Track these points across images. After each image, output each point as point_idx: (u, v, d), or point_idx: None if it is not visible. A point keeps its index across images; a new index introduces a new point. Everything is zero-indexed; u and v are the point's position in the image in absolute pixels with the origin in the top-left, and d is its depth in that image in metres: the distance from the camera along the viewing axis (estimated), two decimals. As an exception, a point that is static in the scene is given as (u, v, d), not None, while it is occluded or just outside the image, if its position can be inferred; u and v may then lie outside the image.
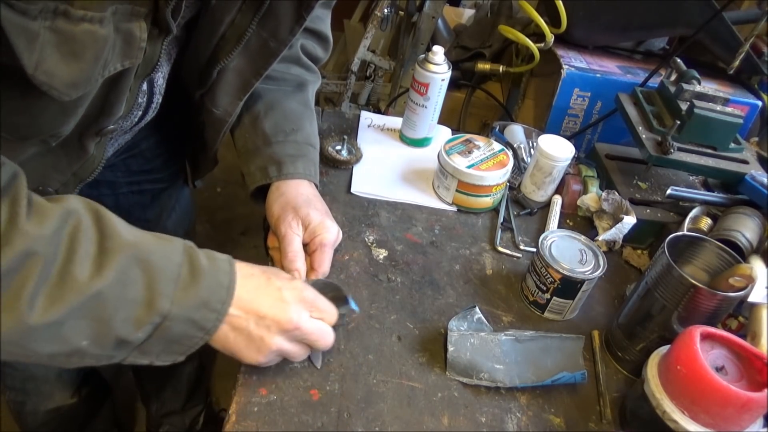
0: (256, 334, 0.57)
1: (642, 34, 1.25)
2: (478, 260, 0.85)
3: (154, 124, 0.78)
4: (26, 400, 1.05)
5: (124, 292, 0.49)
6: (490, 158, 0.91)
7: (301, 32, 0.85)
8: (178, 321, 0.51)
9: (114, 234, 0.50)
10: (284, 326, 0.58)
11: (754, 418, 0.58)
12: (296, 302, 0.59)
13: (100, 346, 0.49)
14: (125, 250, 0.49)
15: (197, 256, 0.54)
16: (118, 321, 0.49)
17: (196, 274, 0.52)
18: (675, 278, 0.65)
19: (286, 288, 0.60)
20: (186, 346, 0.54)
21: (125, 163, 0.90)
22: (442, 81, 0.97)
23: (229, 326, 0.55)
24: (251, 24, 0.65)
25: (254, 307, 0.56)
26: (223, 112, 0.75)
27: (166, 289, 0.50)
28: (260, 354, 0.58)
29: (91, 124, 0.62)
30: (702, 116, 0.89)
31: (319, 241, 0.74)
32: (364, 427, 0.61)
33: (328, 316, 0.63)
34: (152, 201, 0.99)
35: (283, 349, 0.59)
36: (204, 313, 0.53)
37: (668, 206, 0.93)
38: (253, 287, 0.58)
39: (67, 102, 0.53)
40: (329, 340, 0.62)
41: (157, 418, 1.38)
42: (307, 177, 0.80)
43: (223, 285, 0.54)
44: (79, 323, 0.47)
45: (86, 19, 0.47)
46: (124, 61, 0.54)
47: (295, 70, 0.86)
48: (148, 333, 0.50)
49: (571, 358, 0.70)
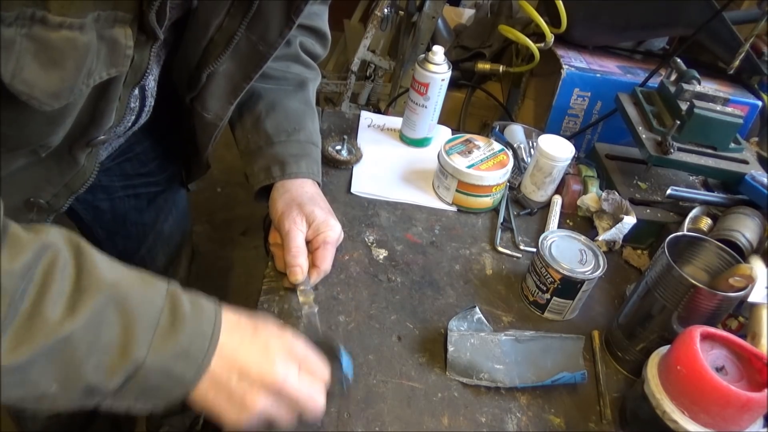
0: (238, 391, 0.50)
1: (642, 34, 1.25)
2: (478, 260, 0.85)
3: (149, 128, 0.78)
4: None
5: (97, 336, 0.45)
6: (490, 158, 0.91)
7: (299, 30, 0.85)
8: (154, 371, 0.47)
9: (93, 271, 0.46)
10: (268, 383, 0.51)
11: (754, 418, 0.58)
12: (284, 356, 0.53)
13: (69, 391, 0.45)
14: (103, 290, 0.46)
15: (180, 302, 0.49)
16: (89, 367, 0.45)
17: (177, 322, 0.48)
18: (675, 278, 0.65)
19: (274, 339, 0.54)
20: (163, 398, 0.49)
21: (120, 167, 0.89)
22: (442, 81, 0.97)
23: (210, 381, 0.50)
24: (239, 27, 0.64)
25: (238, 359, 0.51)
26: (213, 116, 0.74)
27: (144, 335, 0.46)
28: (243, 413, 0.51)
29: (81, 134, 0.61)
30: (702, 116, 0.89)
31: (323, 238, 0.74)
32: (364, 427, 0.61)
33: (319, 376, 0.56)
34: (148, 205, 0.98)
35: (267, 410, 0.52)
36: (183, 365, 0.48)
37: (668, 206, 0.93)
38: (238, 339, 0.52)
39: (53, 112, 0.51)
40: (319, 407, 0.55)
41: (156, 419, 1.38)
42: (311, 176, 0.80)
43: (206, 335, 0.49)
44: (47, 367, 0.43)
45: (65, 25, 0.45)
46: (110, 70, 0.53)
47: (295, 69, 0.86)
48: (121, 381, 0.46)
49: (571, 358, 0.70)
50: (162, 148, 0.93)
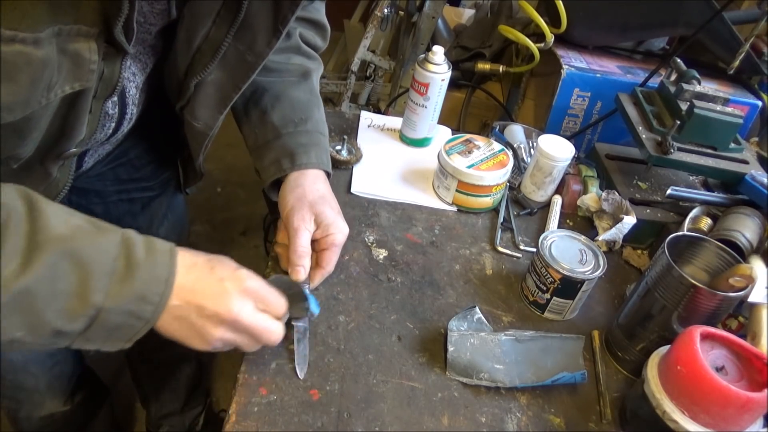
0: (198, 324, 0.56)
1: (642, 34, 1.25)
2: (478, 260, 0.85)
3: (142, 133, 0.77)
4: (19, 408, 1.04)
5: (53, 287, 0.48)
6: (490, 158, 0.91)
7: (299, 22, 0.84)
8: (115, 313, 0.51)
9: (46, 226, 0.49)
10: (224, 317, 0.56)
11: (754, 418, 0.58)
12: (238, 293, 0.57)
13: (36, 335, 0.49)
14: (55, 245, 0.48)
15: (134, 249, 0.52)
16: (50, 313, 0.48)
17: (131, 268, 0.51)
18: (675, 278, 0.65)
19: (228, 278, 0.58)
20: (128, 334, 0.53)
21: (114, 172, 0.89)
22: (442, 81, 0.97)
23: (170, 316, 0.54)
24: (226, 37, 0.63)
25: (195, 297, 0.55)
26: (203, 125, 0.73)
27: (99, 283, 0.49)
28: (205, 343, 0.57)
29: (52, 147, 0.61)
30: (702, 116, 0.89)
31: (331, 240, 0.73)
32: (364, 427, 0.61)
33: (273, 309, 0.60)
34: (143, 209, 0.98)
35: (227, 339, 0.58)
36: (141, 305, 0.52)
37: (668, 206, 0.93)
38: (194, 278, 0.56)
39: (19, 123, 0.51)
40: (274, 336, 0.60)
41: (156, 419, 1.38)
42: (320, 166, 0.79)
43: (161, 278, 0.53)
44: (10, 318, 0.47)
45: (17, 39, 0.45)
46: (74, 84, 0.53)
47: (297, 60, 0.85)
48: (85, 324, 0.50)
49: (571, 358, 0.70)
50: (156, 153, 0.93)
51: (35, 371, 0.99)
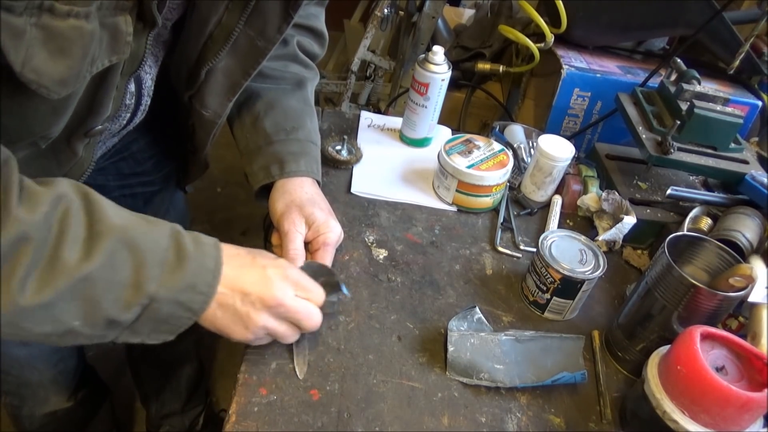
0: (242, 311, 0.58)
1: (642, 34, 1.25)
2: (478, 260, 0.85)
3: (145, 127, 0.78)
4: (22, 405, 1.05)
5: (112, 275, 0.50)
6: (490, 158, 0.91)
7: (297, 29, 0.85)
8: (166, 302, 0.52)
9: (103, 217, 0.51)
10: (268, 302, 0.58)
11: (754, 418, 0.58)
12: (280, 280, 0.60)
13: (91, 325, 0.51)
14: (113, 234, 0.50)
15: (183, 241, 0.55)
16: (107, 302, 0.50)
17: (182, 259, 0.53)
18: (675, 278, 0.65)
19: (271, 266, 0.61)
20: (175, 325, 0.55)
21: (116, 166, 0.89)
22: (442, 81, 0.97)
23: (216, 304, 0.56)
24: (238, 23, 0.65)
25: (239, 284, 0.57)
26: (212, 113, 0.74)
27: (153, 272, 0.51)
28: (248, 331, 0.59)
29: (80, 124, 0.62)
30: (702, 116, 0.89)
31: (323, 240, 0.74)
32: (364, 427, 0.61)
33: (313, 296, 0.63)
34: (145, 205, 0.98)
35: (269, 327, 0.60)
36: (191, 296, 0.54)
37: (668, 206, 0.93)
38: (238, 265, 0.59)
39: (57, 101, 0.53)
40: (315, 321, 0.62)
41: (156, 419, 1.38)
42: (310, 174, 0.80)
43: (209, 269, 0.55)
44: (70, 304, 0.49)
45: (72, 14, 0.47)
46: (112, 57, 0.54)
47: (293, 68, 0.86)
48: (137, 314, 0.52)
49: (571, 358, 0.70)
50: (158, 147, 0.93)
51: (40, 367, 0.99)
